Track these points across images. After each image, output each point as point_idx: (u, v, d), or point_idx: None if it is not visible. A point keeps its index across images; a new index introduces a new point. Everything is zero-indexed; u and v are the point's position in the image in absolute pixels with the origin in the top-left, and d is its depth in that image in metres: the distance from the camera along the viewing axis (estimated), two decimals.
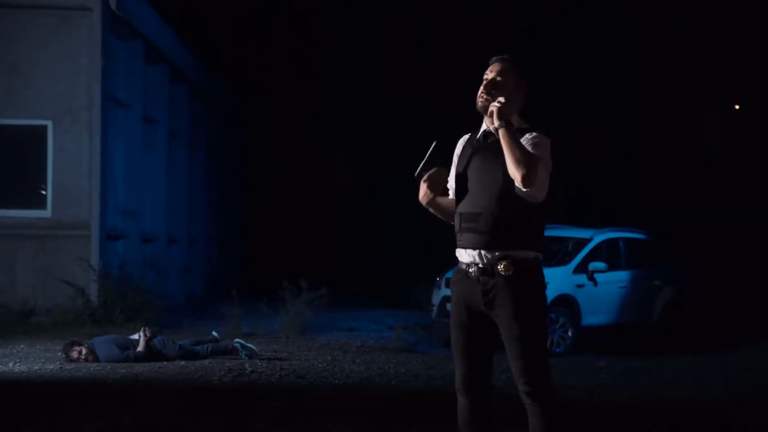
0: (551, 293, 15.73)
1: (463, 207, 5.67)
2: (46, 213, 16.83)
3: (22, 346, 13.83)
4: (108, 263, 16.59)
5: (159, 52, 20.22)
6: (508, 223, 5.50)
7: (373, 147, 30.50)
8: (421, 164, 5.73)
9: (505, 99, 5.57)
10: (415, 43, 28.50)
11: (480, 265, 5.57)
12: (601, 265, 16.53)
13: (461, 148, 5.86)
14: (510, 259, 5.50)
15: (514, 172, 5.37)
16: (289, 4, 31.06)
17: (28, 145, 16.87)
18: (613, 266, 16.86)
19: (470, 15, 28.57)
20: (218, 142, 27.28)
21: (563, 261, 16.79)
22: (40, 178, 16.86)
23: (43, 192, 16.88)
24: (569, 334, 16.04)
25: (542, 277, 5.65)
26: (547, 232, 17.28)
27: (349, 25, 30.32)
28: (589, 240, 17.02)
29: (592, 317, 16.33)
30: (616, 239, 17.41)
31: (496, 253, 5.52)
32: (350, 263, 29.00)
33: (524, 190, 5.41)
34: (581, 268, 16.51)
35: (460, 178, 5.74)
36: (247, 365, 12.24)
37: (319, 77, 31.31)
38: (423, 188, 5.73)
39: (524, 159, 5.36)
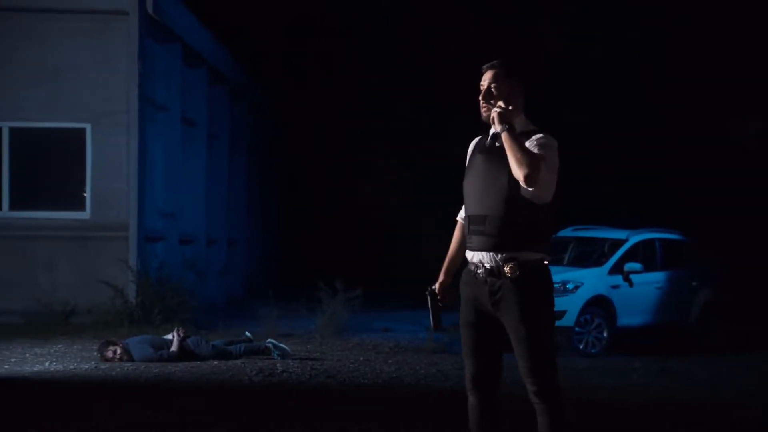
0: (586, 294, 15.93)
1: (470, 210, 5.76)
2: (86, 215, 17.03)
3: (60, 345, 14.04)
4: (146, 264, 16.75)
5: (197, 55, 20.38)
6: (515, 225, 5.56)
7: (412, 148, 30.56)
8: (431, 318, 6.00)
9: (504, 103, 5.65)
10: (451, 45, 28.52)
11: (487, 267, 5.64)
12: (636, 265, 16.50)
13: (471, 150, 5.93)
14: (516, 261, 5.56)
15: (517, 172, 5.43)
16: (328, 6, 31.15)
17: (67, 148, 17.07)
18: (649, 267, 16.83)
19: (503, 17, 28.60)
20: (258, 143, 27.44)
21: (599, 262, 16.80)
22: (80, 181, 17.06)
23: (83, 194, 17.08)
24: (604, 335, 16.03)
25: (549, 278, 5.70)
26: (583, 233, 17.54)
27: (389, 26, 30.41)
28: (625, 241, 16.98)
29: (627, 318, 16.31)
30: (652, 240, 17.36)
31: (503, 255, 5.59)
32: (389, 264, 29.03)
33: (529, 189, 5.47)
34: (617, 269, 16.50)
35: (468, 181, 5.81)
36: (278, 365, 12.33)
37: (359, 79, 31.37)
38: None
39: (526, 159, 5.41)
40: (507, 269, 5.56)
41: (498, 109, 5.62)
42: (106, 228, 16.87)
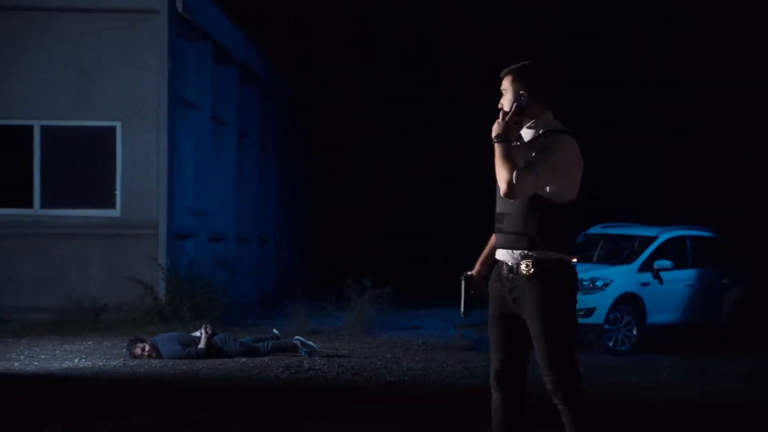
0: (616, 291, 15.88)
1: (497, 208, 5.84)
2: (116, 213, 17.13)
3: (89, 342, 14.13)
4: (176, 262, 16.83)
5: (228, 54, 20.44)
6: (531, 224, 5.62)
7: (442, 147, 30.53)
8: (462, 304, 6.02)
9: (502, 114, 5.72)
10: (478, 39, 28.50)
11: (508, 264, 5.73)
12: (666, 263, 16.41)
13: None
14: (532, 259, 5.62)
15: (500, 185, 5.59)
16: (357, 4, 31.14)
17: (97, 146, 17.18)
18: (679, 264, 16.71)
19: (542, 16, 28.58)
20: (289, 142, 27.49)
21: (628, 259, 16.72)
22: (110, 179, 17.15)
23: (113, 192, 17.16)
24: (634, 332, 15.95)
25: (569, 277, 5.71)
26: (613, 230, 17.48)
27: (419, 24, 30.40)
28: (655, 238, 16.88)
29: (657, 316, 16.22)
30: (683, 237, 17.25)
31: (519, 253, 5.66)
32: (419, 261, 29.03)
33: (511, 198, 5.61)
34: (646, 267, 16.41)
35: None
36: (305, 362, 12.35)
37: (389, 77, 31.34)
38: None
39: (506, 175, 5.53)
40: (523, 267, 5.63)
41: (498, 120, 5.70)
42: (136, 226, 16.95)
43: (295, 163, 28.63)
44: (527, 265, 5.61)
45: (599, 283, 15.89)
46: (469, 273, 5.99)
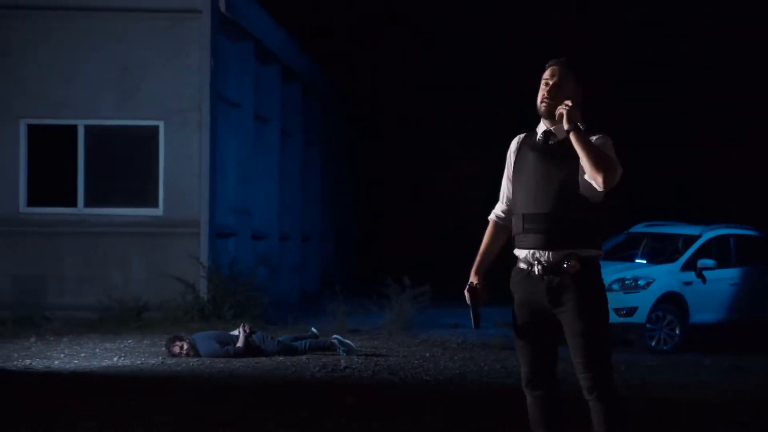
0: (658, 290, 15.79)
1: (526, 208, 5.70)
2: (158, 211, 17.24)
3: (129, 341, 14.23)
4: (218, 260, 16.90)
5: (270, 52, 20.49)
6: (573, 223, 5.58)
7: (485, 145, 30.42)
8: (473, 317, 5.91)
9: (571, 102, 5.60)
10: (525, 41, 28.39)
11: (545, 264, 5.63)
12: (709, 262, 16.29)
13: (516, 147, 5.85)
14: (576, 257, 5.58)
15: (595, 175, 5.45)
16: (401, 3, 31.12)
17: (140, 145, 17.31)
18: (723, 263, 16.58)
19: (579, 13, 28.45)
20: (332, 139, 27.54)
21: (671, 258, 16.61)
22: (153, 177, 17.27)
23: (156, 191, 17.26)
24: (677, 332, 15.86)
25: (600, 274, 5.71)
26: (656, 229, 17.34)
27: (460, 20, 30.33)
28: (698, 237, 16.75)
29: (700, 315, 16.11)
30: (727, 236, 17.09)
31: (562, 252, 5.60)
32: (463, 259, 28.93)
33: (599, 190, 5.50)
34: (690, 265, 16.29)
35: (519, 179, 5.77)
36: (342, 361, 12.37)
37: (432, 72, 31.28)
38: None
39: (603, 162, 5.44)
40: (567, 265, 5.58)
41: (566, 107, 5.57)
42: (178, 224, 17.06)
43: (338, 160, 28.67)
44: (572, 264, 5.57)
45: (641, 282, 15.81)
46: (475, 284, 5.86)
